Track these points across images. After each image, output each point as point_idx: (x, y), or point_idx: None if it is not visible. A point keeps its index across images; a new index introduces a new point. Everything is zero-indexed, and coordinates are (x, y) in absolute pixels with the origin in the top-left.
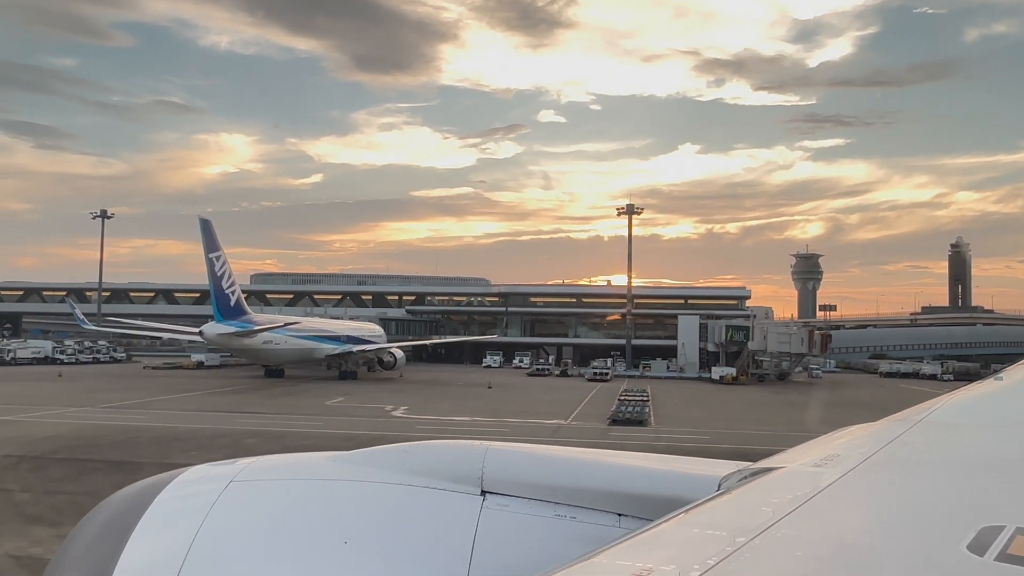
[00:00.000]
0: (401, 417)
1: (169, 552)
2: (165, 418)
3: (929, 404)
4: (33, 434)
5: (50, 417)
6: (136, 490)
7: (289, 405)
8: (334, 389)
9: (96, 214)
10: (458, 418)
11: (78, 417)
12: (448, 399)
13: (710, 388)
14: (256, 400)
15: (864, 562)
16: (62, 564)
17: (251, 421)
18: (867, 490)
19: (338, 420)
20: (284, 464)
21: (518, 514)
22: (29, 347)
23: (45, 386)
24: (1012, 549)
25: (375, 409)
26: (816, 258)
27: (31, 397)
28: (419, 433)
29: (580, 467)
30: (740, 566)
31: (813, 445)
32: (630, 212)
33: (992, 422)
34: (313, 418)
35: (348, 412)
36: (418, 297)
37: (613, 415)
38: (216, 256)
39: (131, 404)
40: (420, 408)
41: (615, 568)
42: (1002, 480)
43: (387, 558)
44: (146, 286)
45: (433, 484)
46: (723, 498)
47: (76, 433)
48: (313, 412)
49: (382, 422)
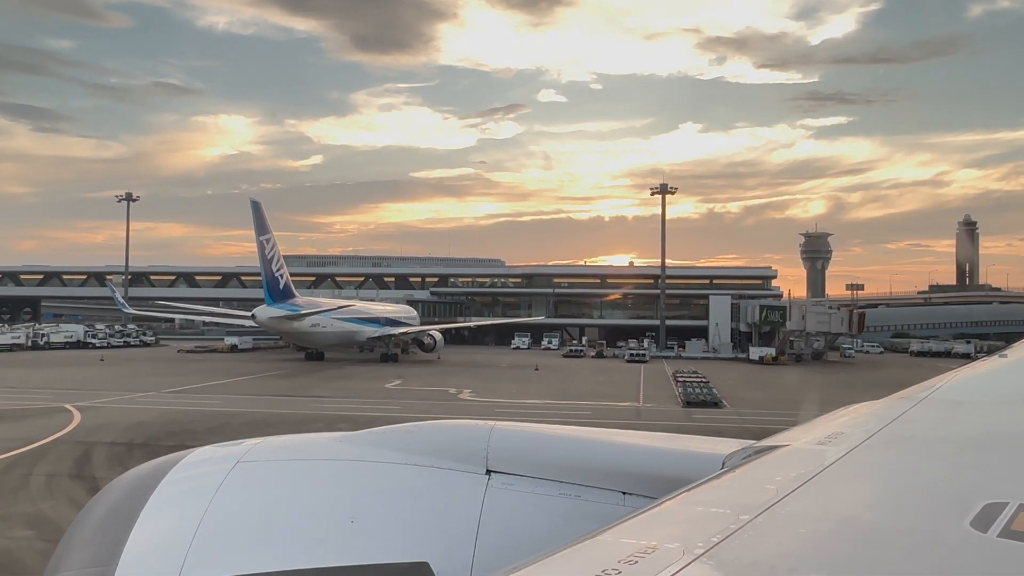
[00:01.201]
0: (471, 400)
1: (177, 532)
2: (239, 403)
3: (933, 382)
4: (123, 420)
5: (123, 403)
6: (144, 471)
7: (350, 389)
8: (384, 372)
9: (121, 197)
10: (529, 400)
11: (152, 402)
12: (505, 381)
13: (753, 369)
14: (315, 384)
15: (868, 539)
16: (71, 545)
17: (327, 406)
18: (871, 467)
19: (412, 404)
20: (290, 445)
21: (523, 493)
22: (62, 331)
23: (94, 371)
24: (1016, 525)
25: (439, 392)
26: (825, 237)
27: (88, 382)
28: (502, 417)
29: (584, 446)
30: (744, 543)
31: (817, 423)
32: (663, 192)
33: (996, 399)
34: (383, 402)
35: (414, 395)
36: (441, 279)
37: (686, 397)
38: (266, 239)
39: (194, 389)
40: (484, 391)
41: (620, 546)
42: (1005, 457)
43: (393, 536)
44: (167, 269)
45: (439, 464)
46: (727, 476)
47: (164, 419)
48: (379, 396)
49: (454, 405)
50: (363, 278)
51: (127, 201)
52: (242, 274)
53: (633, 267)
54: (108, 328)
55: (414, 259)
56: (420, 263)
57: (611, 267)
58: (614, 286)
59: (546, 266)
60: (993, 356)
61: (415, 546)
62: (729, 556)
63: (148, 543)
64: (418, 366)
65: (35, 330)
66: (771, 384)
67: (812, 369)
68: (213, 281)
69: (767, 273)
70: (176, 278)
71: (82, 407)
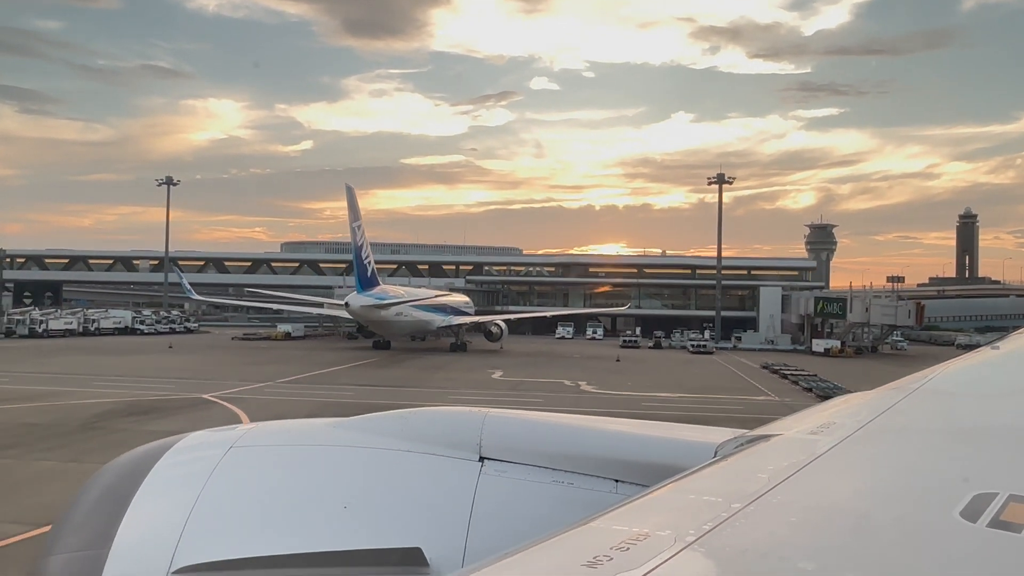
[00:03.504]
0: (595, 392)
1: (171, 516)
2: (371, 394)
3: (925, 373)
4: (294, 412)
5: (261, 393)
6: (137, 455)
7: (459, 380)
8: (472, 362)
9: (161, 181)
10: (662, 394)
11: (288, 393)
12: (602, 372)
13: (828, 362)
14: (419, 374)
15: (857, 528)
16: (65, 528)
17: (462, 398)
18: (862, 457)
19: (540, 396)
20: (283, 430)
21: (516, 480)
22: (111, 317)
23: (177, 359)
24: (1005, 516)
25: (556, 384)
26: (830, 228)
27: (188, 371)
28: (652, 412)
29: (578, 434)
30: (735, 531)
31: (809, 413)
32: (720, 181)
33: (987, 391)
34: (508, 394)
35: (534, 387)
36: (475, 267)
37: (816, 391)
38: (357, 225)
39: (307, 379)
40: (601, 383)
41: (612, 533)
42: (996, 448)
43: (386, 522)
44: (196, 254)
45: (432, 450)
46: (719, 465)
47: (337, 412)
48: (498, 388)
49: (582, 398)
50: (396, 265)
51: (167, 185)
52: (272, 260)
53: (667, 256)
54: (155, 314)
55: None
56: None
57: (647, 257)
58: (651, 276)
59: (582, 255)
60: (985, 348)
61: (408, 531)
62: (720, 544)
63: (141, 526)
64: (496, 356)
65: (86, 315)
66: (870, 379)
67: (887, 361)
68: (243, 267)
69: (806, 264)
70: (205, 263)
71: (225, 398)
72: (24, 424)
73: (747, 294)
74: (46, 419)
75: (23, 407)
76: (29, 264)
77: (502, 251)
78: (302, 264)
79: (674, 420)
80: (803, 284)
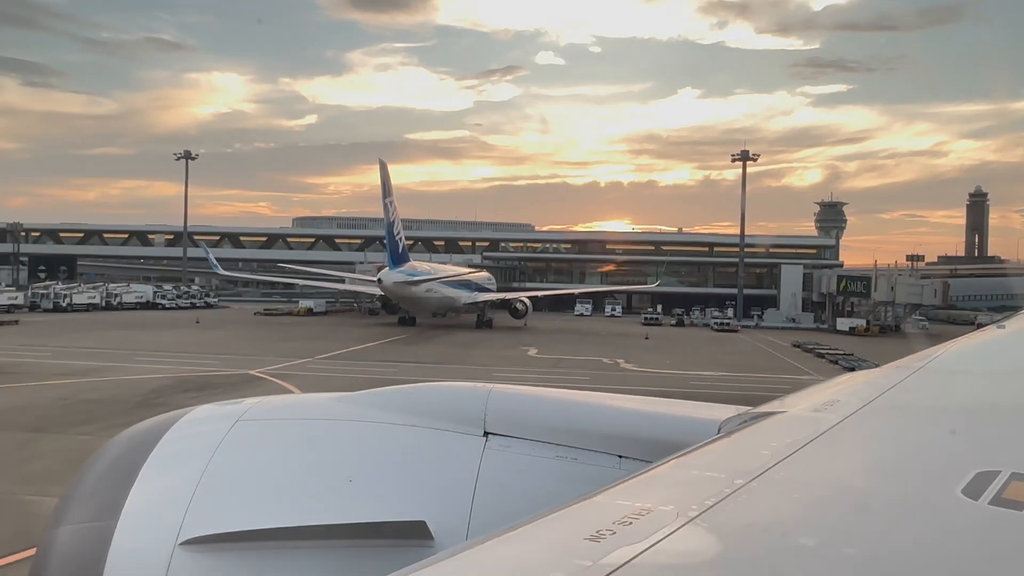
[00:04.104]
0: (635, 371)
1: (178, 489)
2: (413, 371)
3: (930, 352)
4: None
5: (308, 370)
6: (144, 428)
7: (498, 356)
8: (503, 339)
9: (180, 155)
10: (704, 372)
11: (336, 370)
12: (637, 350)
13: (856, 341)
14: (455, 351)
15: (860, 504)
16: (73, 500)
17: (506, 375)
18: (865, 435)
19: (584, 374)
20: (290, 404)
21: (520, 455)
22: (133, 292)
23: (207, 335)
24: (1007, 494)
25: (594, 361)
26: (840, 206)
27: (226, 347)
28: (701, 391)
29: (582, 410)
30: (738, 507)
31: (814, 391)
32: (744, 158)
33: (991, 369)
34: (550, 371)
35: (573, 364)
36: (492, 243)
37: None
38: (389, 201)
39: (345, 355)
40: (640, 361)
41: (615, 507)
42: (999, 426)
43: (390, 496)
44: (211, 229)
45: (436, 425)
46: (723, 441)
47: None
48: (539, 365)
49: (626, 376)
50: (412, 242)
51: (186, 159)
52: (288, 235)
53: (684, 233)
54: (175, 289)
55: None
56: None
57: (665, 234)
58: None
59: (600, 232)
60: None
61: (412, 505)
62: (723, 519)
63: (149, 499)
64: (524, 333)
65: (108, 290)
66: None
67: (915, 341)
68: (258, 242)
69: (825, 242)
70: (221, 238)
71: (272, 374)
72: (85, 400)
73: (765, 272)
74: (103, 395)
75: (76, 382)
76: (44, 238)
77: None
78: (318, 239)
79: (726, 400)
80: (822, 262)
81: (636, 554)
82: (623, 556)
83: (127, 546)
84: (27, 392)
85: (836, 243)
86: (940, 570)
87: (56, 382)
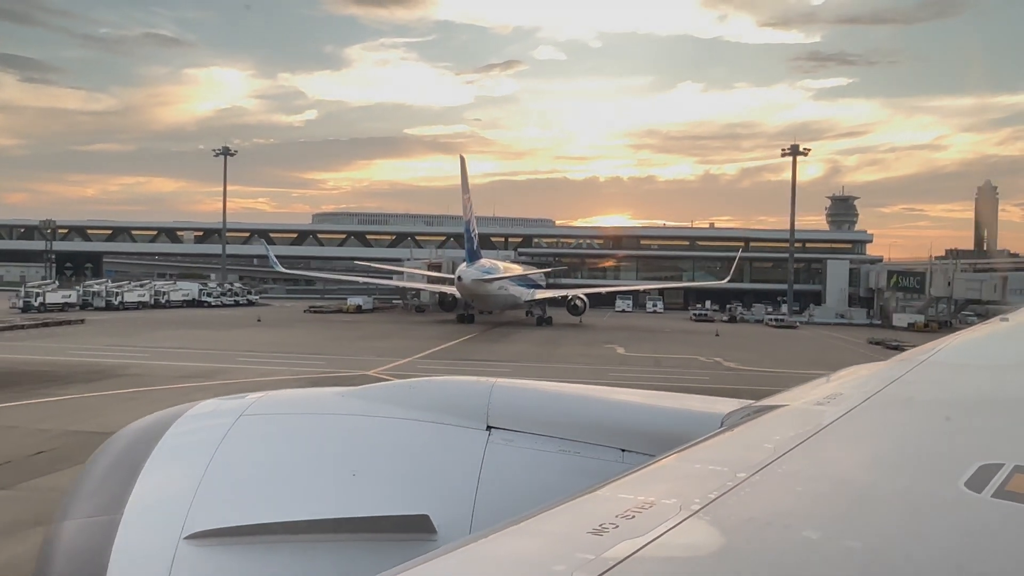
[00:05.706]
0: (742, 370)
1: (182, 482)
2: (518, 371)
3: (933, 344)
4: None
5: (403, 369)
6: (149, 422)
7: (588, 356)
8: (580, 336)
9: (218, 151)
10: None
11: (436, 370)
12: (727, 348)
13: (920, 336)
14: (540, 350)
15: (862, 497)
16: (78, 494)
17: (619, 376)
18: (868, 428)
19: (691, 375)
20: (293, 399)
21: (523, 448)
22: (180, 290)
23: (283, 334)
24: (1010, 486)
25: (691, 360)
26: (852, 200)
27: (306, 347)
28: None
29: (585, 404)
30: (740, 500)
31: (817, 384)
32: (794, 153)
33: (994, 362)
34: (652, 371)
35: (673, 363)
36: (525, 239)
37: None
38: (467, 197)
39: (433, 354)
40: (740, 360)
41: (618, 501)
42: (1002, 419)
43: (394, 489)
44: (241, 226)
45: (440, 419)
46: (725, 435)
47: None
48: (631, 363)
49: (734, 376)
50: (444, 238)
51: (224, 155)
52: (318, 232)
53: (715, 228)
54: (220, 287)
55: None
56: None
57: (699, 229)
58: (702, 248)
59: (632, 228)
60: (994, 319)
61: (416, 499)
62: (725, 512)
63: (153, 493)
64: (588, 330)
65: (156, 288)
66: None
67: None
68: (289, 239)
69: (863, 237)
70: (250, 235)
71: (388, 374)
72: None
73: (802, 267)
74: None
75: (204, 385)
76: (72, 235)
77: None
78: (348, 236)
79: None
80: (866, 257)
81: (639, 547)
82: (626, 549)
83: (132, 540)
84: (166, 396)
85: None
86: (943, 563)
87: (185, 385)
